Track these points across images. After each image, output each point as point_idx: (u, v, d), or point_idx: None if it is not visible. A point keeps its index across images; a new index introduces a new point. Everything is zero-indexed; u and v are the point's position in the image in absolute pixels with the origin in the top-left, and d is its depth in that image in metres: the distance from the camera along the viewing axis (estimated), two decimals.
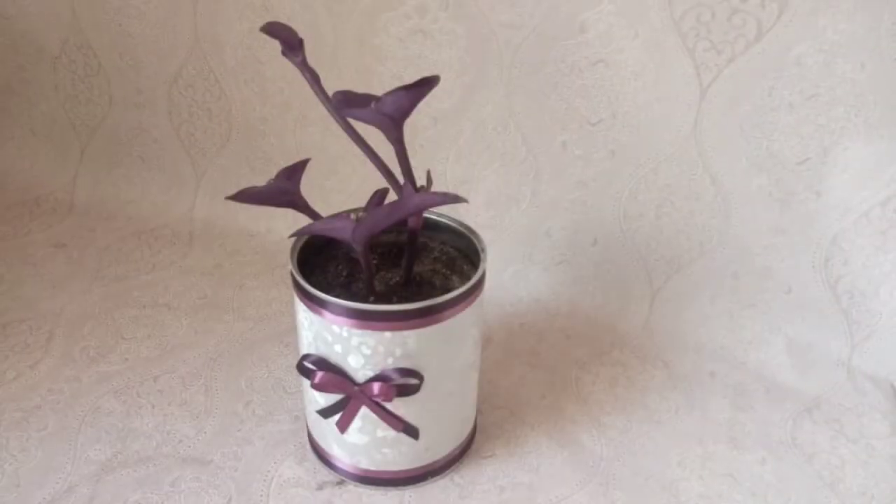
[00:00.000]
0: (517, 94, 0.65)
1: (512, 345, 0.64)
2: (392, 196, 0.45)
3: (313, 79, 0.42)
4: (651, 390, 0.59)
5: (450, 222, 0.50)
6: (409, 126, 0.42)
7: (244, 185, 0.43)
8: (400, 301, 0.43)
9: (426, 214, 0.49)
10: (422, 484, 0.49)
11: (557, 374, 0.61)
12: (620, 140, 0.63)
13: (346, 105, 0.42)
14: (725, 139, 0.60)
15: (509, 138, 0.67)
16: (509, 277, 0.71)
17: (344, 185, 0.76)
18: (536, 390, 0.59)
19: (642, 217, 0.65)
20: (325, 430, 0.48)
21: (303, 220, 0.44)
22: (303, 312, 0.44)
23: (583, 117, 0.64)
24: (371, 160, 0.44)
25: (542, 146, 0.66)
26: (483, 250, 0.47)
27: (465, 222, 0.49)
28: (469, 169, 0.70)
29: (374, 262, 0.49)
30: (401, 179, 0.44)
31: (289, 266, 0.45)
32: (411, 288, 0.46)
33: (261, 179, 0.44)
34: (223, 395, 0.57)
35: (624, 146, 0.63)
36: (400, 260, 0.48)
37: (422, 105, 0.41)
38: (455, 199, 0.39)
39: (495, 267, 0.71)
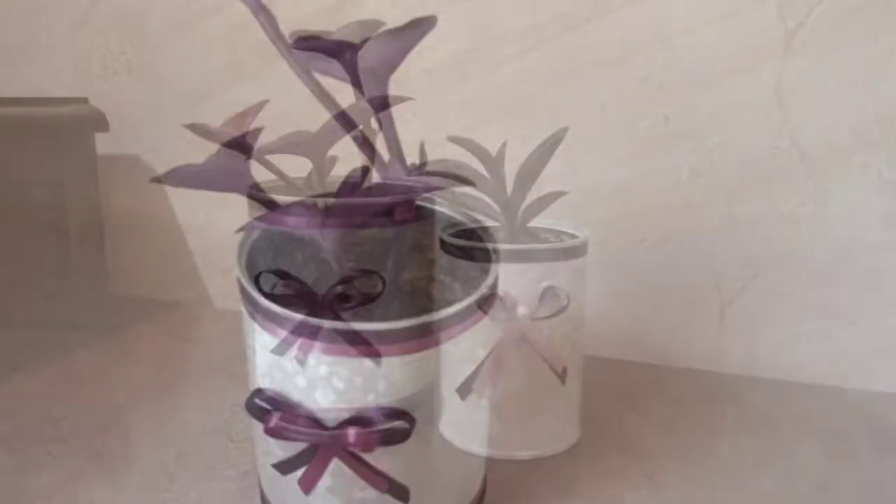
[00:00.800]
0: (541, 40, 0.65)
1: (534, 375, 0.64)
2: (374, 178, 0.45)
3: (269, 21, 0.41)
4: (720, 434, 0.59)
5: (451, 213, 0.50)
6: (397, 82, 0.42)
7: (177, 162, 0.43)
8: (384, 318, 0.43)
9: (419, 202, 0.49)
10: None
11: (595, 413, 0.61)
12: (677, 101, 0.63)
13: (313, 55, 0.42)
14: (818, 100, 0.60)
15: (530, 99, 0.67)
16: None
17: (309, 162, 0.76)
18: (566, 435, 0.59)
19: (708, 205, 0.65)
20: (284, 490, 0.48)
21: (255, 210, 0.44)
22: (255, 333, 0.44)
23: (627, 72, 0.64)
24: (345, 129, 0.43)
25: (575, 109, 0.66)
26: (495, 250, 0.46)
27: (471, 212, 0.49)
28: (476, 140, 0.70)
29: (350, 265, 0.48)
30: (385, 155, 0.44)
31: (235, 270, 0.44)
32: (399, 300, 0.46)
33: (199, 155, 0.44)
34: (148, 444, 0.57)
35: (682, 110, 0.63)
36: (385, 262, 0.48)
37: (413, 55, 0.41)
38: (457, 180, 0.39)
39: (510, 271, 0.70)
